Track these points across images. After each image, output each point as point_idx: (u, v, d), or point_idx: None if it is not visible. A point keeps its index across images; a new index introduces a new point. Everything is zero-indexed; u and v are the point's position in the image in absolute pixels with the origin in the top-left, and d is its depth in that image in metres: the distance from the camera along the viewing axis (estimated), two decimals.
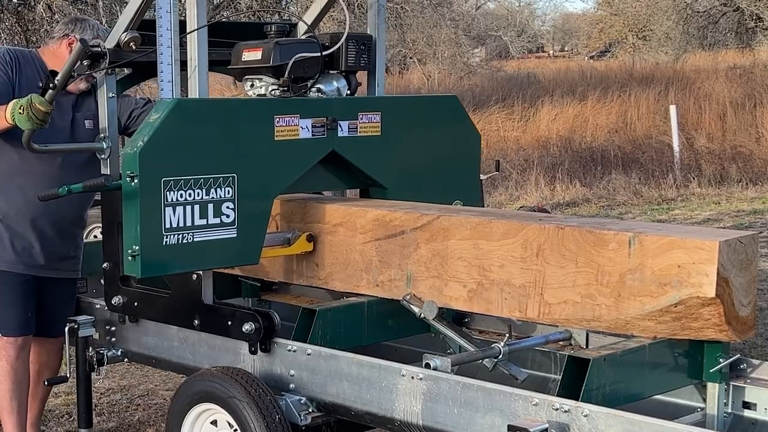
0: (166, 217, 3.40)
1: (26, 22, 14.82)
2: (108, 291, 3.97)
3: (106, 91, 3.82)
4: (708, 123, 16.01)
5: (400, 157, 4.07)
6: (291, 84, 3.76)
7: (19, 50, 4.03)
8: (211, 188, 3.49)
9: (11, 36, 14.68)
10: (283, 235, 3.91)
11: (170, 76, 3.57)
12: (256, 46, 3.81)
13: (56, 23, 14.91)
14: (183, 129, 3.45)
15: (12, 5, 14.52)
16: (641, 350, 3.28)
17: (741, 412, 3.45)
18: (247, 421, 3.35)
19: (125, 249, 3.43)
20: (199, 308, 3.69)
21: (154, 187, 3.37)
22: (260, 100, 3.78)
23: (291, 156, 3.70)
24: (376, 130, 3.97)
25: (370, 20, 4.12)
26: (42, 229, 4.07)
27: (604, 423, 2.80)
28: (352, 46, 3.93)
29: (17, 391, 4.12)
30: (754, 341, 6.04)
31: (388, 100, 4.16)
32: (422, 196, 4.04)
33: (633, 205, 12.10)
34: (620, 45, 34.70)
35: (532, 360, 3.70)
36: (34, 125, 3.58)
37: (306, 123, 3.73)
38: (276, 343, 3.55)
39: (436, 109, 4.28)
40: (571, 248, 3.29)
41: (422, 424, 3.16)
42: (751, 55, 26.45)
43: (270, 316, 3.54)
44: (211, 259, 3.57)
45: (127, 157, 3.37)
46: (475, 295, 3.52)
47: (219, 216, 3.51)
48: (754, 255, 3.18)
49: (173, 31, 3.56)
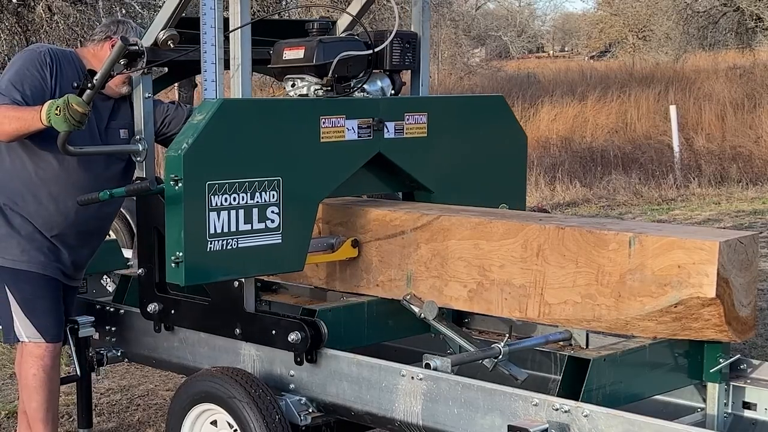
0: (210, 222, 3.29)
1: (26, 23, 14.81)
2: (143, 298, 3.85)
3: (142, 92, 3.72)
4: (708, 123, 16.01)
5: (446, 160, 3.95)
6: (335, 84, 3.63)
7: (60, 50, 3.85)
8: (255, 192, 3.38)
9: (11, 36, 14.67)
10: (326, 240, 3.79)
11: (214, 75, 3.42)
12: (298, 44, 3.69)
13: (56, 24, 14.94)
14: (228, 130, 3.33)
15: (12, 5, 14.52)
16: (641, 350, 3.29)
17: (741, 413, 3.45)
18: (247, 421, 3.35)
19: (168, 255, 3.32)
20: (241, 317, 3.56)
21: (198, 191, 3.26)
22: (306, 100, 3.64)
23: (337, 158, 3.59)
24: (423, 132, 3.85)
25: (414, 17, 3.98)
26: (69, 238, 3.89)
27: (604, 423, 2.79)
28: (397, 45, 3.80)
29: (53, 401, 3.97)
30: (754, 341, 6.03)
31: (434, 101, 4.03)
32: (468, 199, 3.91)
33: (633, 205, 12.09)
34: (620, 45, 34.71)
35: (532, 360, 3.69)
36: (70, 127, 3.45)
37: (352, 124, 3.62)
38: (323, 353, 3.43)
39: (482, 109, 4.18)
40: (571, 248, 3.29)
41: (422, 424, 3.16)
42: (751, 55, 26.47)
43: (317, 325, 3.42)
44: (255, 266, 3.46)
45: (171, 160, 3.26)
46: (475, 295, 3.52)
47: (264, 221, 3.41)
48: (754, 255, 3.18)
49: (217, 29, 3.40)
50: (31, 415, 3.93)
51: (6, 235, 3.83)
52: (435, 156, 3.91)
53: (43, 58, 3.73)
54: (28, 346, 3.85)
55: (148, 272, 3.78)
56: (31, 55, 3.75)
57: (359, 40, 3.76)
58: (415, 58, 3.91)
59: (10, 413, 5.06)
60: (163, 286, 3.77)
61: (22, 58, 3.75)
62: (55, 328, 3.89)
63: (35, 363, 3.87)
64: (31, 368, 3.87)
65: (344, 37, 3.92)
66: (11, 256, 3.82)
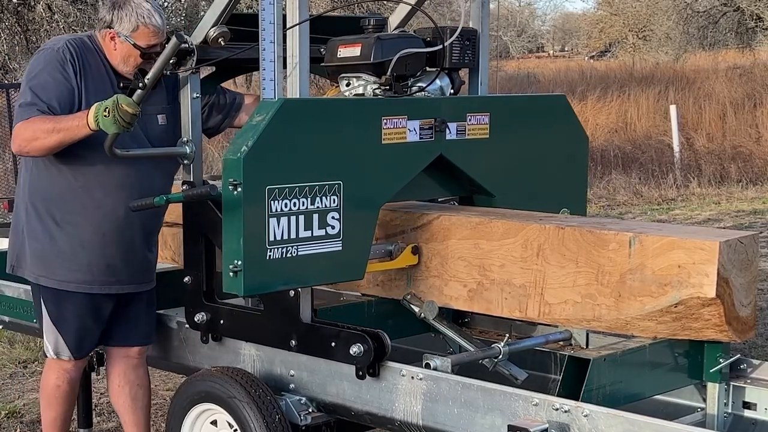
0: (270, 228, 3.13)
1: (26, 22, 14.83)
2: (189, 307, 3.69)
3: (189, 92, 3.55)
4: (708, 123, 16.00)
5: (509, 162, 3.78)
6: (393, 82, 3.45)
7: (79, 40, 3.59)
8: (316, 197, 3.22)
9: (11, 36, 14.69)
10: (384, 247, 3.59)
11: (273, 74, 3.23)
12: (354, 41, 3.52)
13: (56, 23, 14.94)
14: (289, 132, 3.17)
15: (12, 5, 14.53)
16: (641, 350, 3.29)
17: (741, 412, 3.45)
18: (247, 421, 3.35)
19: (225, 264, 3.16)
20: (297, 327, 3.40)
21: (258, 196, 3.10)
22: (368, 99, 3.47)
23: (398, 161, 3.42)
24: (485, 133, 3.66)
25: (473, 13, 3.80)
26: (120, 244, 3.68)
27: (604, 423, 2.79)
28: (456, 42, 3.61)
29: (70, 412, 3.89)
30: (755, 341, 6.03)
31: (496, 100, 3.84)
32: (529, 204, 3.74)
33: (633, 205, 12.09)
34: (620, 45, 34.72)
35: (532, 360, 3.69)
36: (120, 129, 3.27)
37: (414, 125, 3.44)
38: (386, 366, 3.25)
39: (544, 109, 3.99)
40: (571, 248, 3.28)
41: (422, 424, 3.16)
42: (751, 55, 26.46)
43: (380, 336, 3.24)
44: (315, 275, 3.30)
45: (230, 163, 3.09)
46: (475, 295, 3.52)
47: (324, 227, 3.25)
48: (754, 255, 3.18)
49: (276, 25, 3.21)
50: (47, 423, 3.88)
51: (50, 253, 3.65)
52: (497, 158, 3.74)
53: (63, 56, 3.52)
54: (57, 359, 3.78)
55: (195, 280, 3.64)
56: (50, 55, 3.54)
57: (417, 36, 3.60)
58: (475, 56, 3.75)
59: (10, 413, 5.06)
60: (210, 294, 3.65)
61: (42, 62, 3.54)
62: (89, 347, 3.79)
63: (61, 376, 3.79)
64: (57, 380, 3.80)
65: (403, 34, 3.72)
66: (56, 277, 3.66)
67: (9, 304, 4.50)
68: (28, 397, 5.33)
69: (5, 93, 9.65)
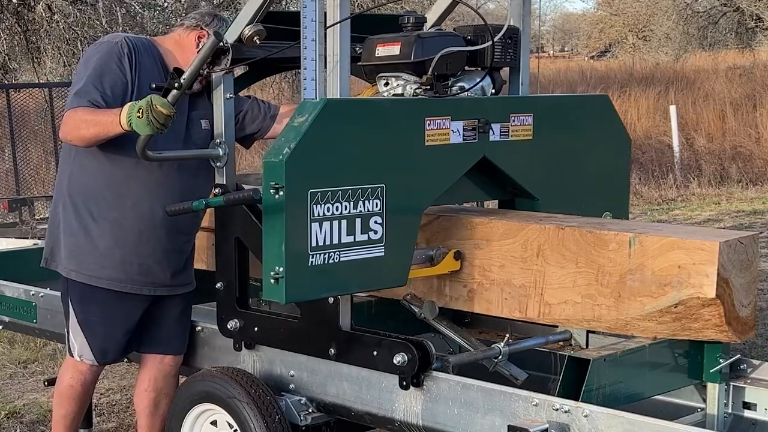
0: (312, 233, 3.02)
1: (26, 22, 14.84)
2: (222, 314, 3.60)
3: (223, 92, 3.48)
4: (708, 123, 15.99)
5: (552, 165, 3.68)
6: (435, 82, 3.33)
7: (137, 38, 3.57)
8: (359, 201, 3.10)
9: (11, 36, 14.69)
10: (425, 252, 3.49)
11: (314, 73, 3.13)
12: (393, 40, 3.39)
13: (56, 23, 14.92)
14: (332, 133, 3.06)
15: (12, 5, 14.53)
16: (641, 350, 3.29)
17: (741, 413, 3.45)
18: (247, 421, 3.35)
19: (265, 271, 3.04)
20: (336, 336, 3.29)
21: (300, 200, 2.99)
22: (411, 99, 3.35)
23: (441, 163, 3.32)
24: (528, 134, 3.57)
25: (513, 11, 3.71)
26: (156, 244, 3.61)
27: (604, 423, 2.79)
28: (498, 40, 3.49)
29: (80, 413, 3.87)
30: (754, 341, 6.04)
31: (540, 100, 3.77)
32: (572, 207, 3.66)
33: (633, 205, 12.09)
34: (620, 45, 34.70)
35: (532, 360, 3.69)
36: (153, 130, 3.17)
37: (457, 126, 3.34)
38: (431, 376, 3.14)
39: (587, 110, 3.91)
40: (571, 248, 3.28)
41: (422, 424, 3.16)
42: (751, 55, 26.44)
43: (424, 345, 3.12)
44: (356, 282, 3.19)
45: (272, 166, 2.98)
46: (475, 295, 3.52)
47: (366, 232, 3.14)
48: (754, 255, 3.18)
49: (318, 23, 3.11)
50: (56, 419, 3.88)
51: (84, 247, 3.60)
52: (541, 160, 3.64)
53: (120, 49, 3.48)
54: (77, 360, 3.76)
55: (228, 286, 3.56)
56: (108, 47, 3.50)
57: (458, 35, 3.48)
58: (517, 55, 3.66)
59: (10, 413, 5.06)
60: (244, 301, 3.58)
61: (100, 52, 3.50)
62: (113, 352, 3.73)
63: (75, 377, 3.77)
64: (71, 379, 3.78)
65: (443, 32, 3.56)
66: (88, 272, 3.61)
67: (9, 304, 4.50)
68: (28, 397, 5.34)
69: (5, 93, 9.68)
